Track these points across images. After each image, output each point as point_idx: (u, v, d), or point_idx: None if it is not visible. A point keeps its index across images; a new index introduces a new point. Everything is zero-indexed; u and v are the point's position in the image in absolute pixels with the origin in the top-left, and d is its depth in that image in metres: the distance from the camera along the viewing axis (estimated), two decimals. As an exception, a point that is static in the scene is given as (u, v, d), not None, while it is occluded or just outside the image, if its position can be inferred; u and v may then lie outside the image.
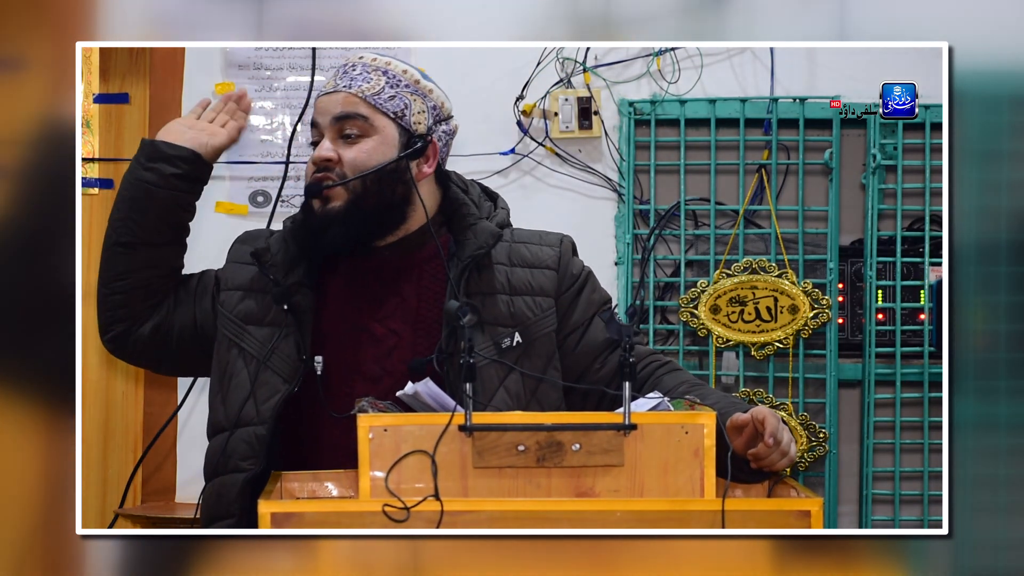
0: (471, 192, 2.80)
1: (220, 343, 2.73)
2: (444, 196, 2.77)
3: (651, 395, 2.51)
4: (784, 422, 2.52)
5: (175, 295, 2.77)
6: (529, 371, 2.64)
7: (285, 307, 2.66)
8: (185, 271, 2.82)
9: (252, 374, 2.65)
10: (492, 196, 2.84)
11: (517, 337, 2.67)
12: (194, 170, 2.76)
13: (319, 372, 2.65)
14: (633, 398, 2.38)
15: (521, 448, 2.31)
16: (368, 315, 2.69)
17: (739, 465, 2.42)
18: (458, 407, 2.33)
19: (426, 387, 2.42)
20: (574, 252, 2.80)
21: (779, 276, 3.98)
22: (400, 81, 2.71)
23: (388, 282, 2.71)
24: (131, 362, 2.89)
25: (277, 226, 2.91)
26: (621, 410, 2.33)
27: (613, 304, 2.84)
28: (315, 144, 2.71)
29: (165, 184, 2.73)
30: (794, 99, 4.01)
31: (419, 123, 2.71)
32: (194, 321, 2.77)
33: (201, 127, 2.81)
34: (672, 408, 2.45)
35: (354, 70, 2.71)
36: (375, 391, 2.60)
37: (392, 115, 2.69)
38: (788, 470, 3.93)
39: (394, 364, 2.66)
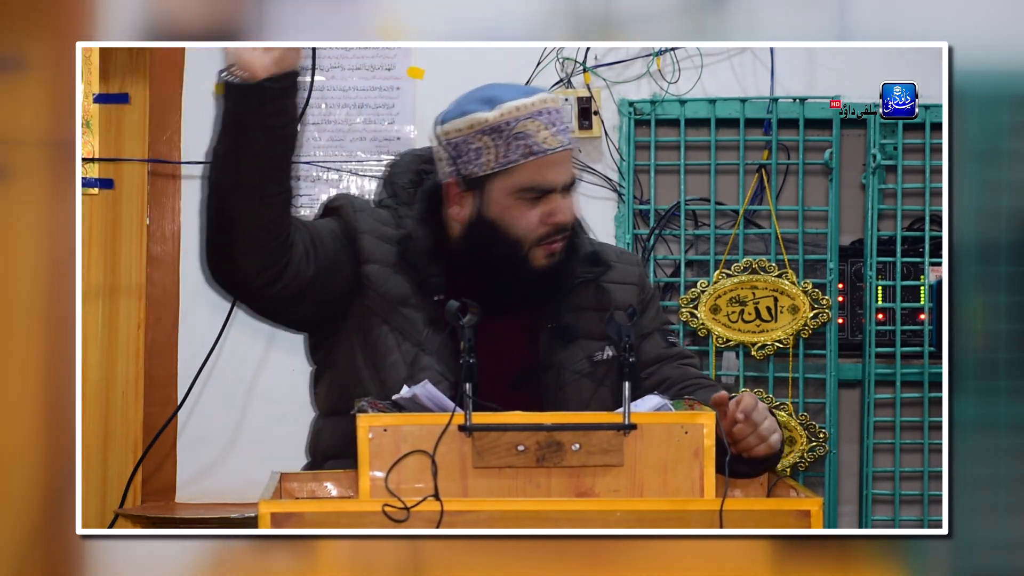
0: None
1: (366, 317, 2.67)
2: None
3: (652, 395, 2.51)
4: (773, 413, 2.53)
5: (311, 241, 2.64)
6: (615, 382, 2.65)
7: (436, 298, 2.65)
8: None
9: (407, 356, 2.65)
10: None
11: (609, 351, 2.69)
12: (299, 82, 2.60)
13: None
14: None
15: (521, 448, 2.31)
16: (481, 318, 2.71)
17: (734, 457, 2.44)
18: (457, 408, 2.33)
19: (424, 389, 2.43)
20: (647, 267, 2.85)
21: (779, 276, 3.98)
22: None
23: (507, 293, 2.71)
24: (280, 311, 2.71)
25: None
26: (621, 410, 2.34)
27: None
28: (526, 193, 2.64)
29: (291, 119, 2.56)
30: (794, 99, 4.01)
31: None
32: (338, 270, 2.66)
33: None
34: (672, 408, 2.46)
35: (559, 122, 2.67)
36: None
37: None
38: (788, 470, 3.94)
39: (495, 366, 2.62)
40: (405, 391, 2.44)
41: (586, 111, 3.96)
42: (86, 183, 4.01)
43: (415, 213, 2.73)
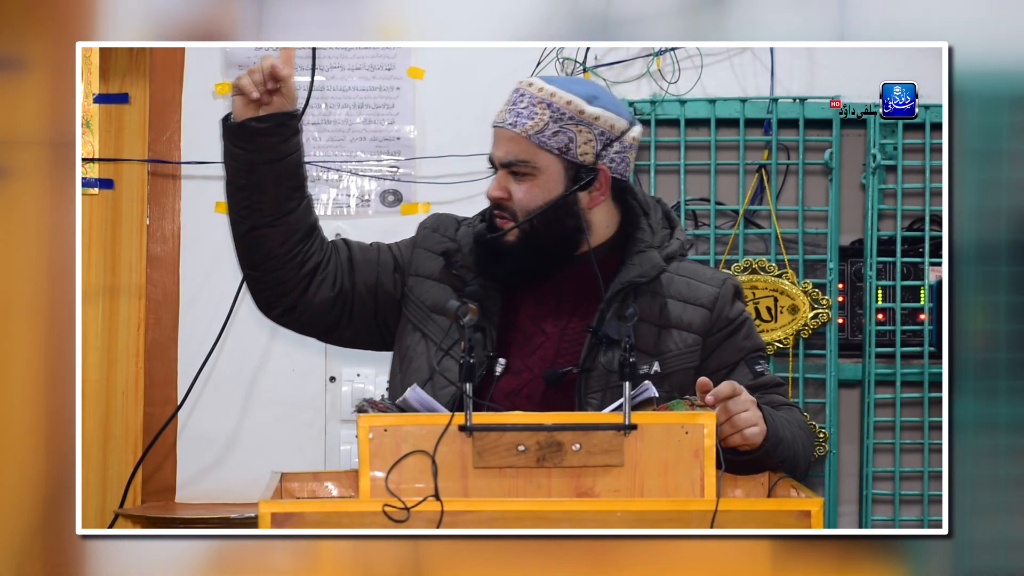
0: (651, 216, 2.83)
1: (404, 327, 2.79)
2: (623, 216, 2.81)
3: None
4: (760, 408, 2.52)
5: (347, 261, 2.82)
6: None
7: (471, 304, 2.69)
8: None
9: (433, 360, 2.70)
10: (672, 223, 2.85)
11: (656, 367, 2.69)
12: (292, 124, 2.74)
13: (497, 373, 2.69)
14: None
15: (521, 448, 2.31)
16: (526, 314, 2.74)
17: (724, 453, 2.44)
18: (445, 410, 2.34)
19: (414, 393, 2.44)
20: (737, 296, 2.81)
21: (779, 276, 3.98)
22: (564, 114, 2.72)
23: (555, 291, 2.76)
24: (301, 331, 2.91)
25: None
26: (620, 409, 2.34)
27: (766, 353, 2.87)
28: (493, 167, 2.78)
29: (276, 155, 2.73)
30: (794, 99, 4.01)
31: (585, 154, 2.73)
32: (375, 294, 2.82)
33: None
34: (655, 392, 2.46)
35: (521, 102, 2.74)
36: (516, 382, 2.68)
37: (556, 152, 2.72)
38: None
39: (535, 363, 2.70)
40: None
41: (586, 111, 3.96)
42: (86, 183, 4.01)
43: (466, 225, 2.84)
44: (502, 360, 2.70)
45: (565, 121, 2.71)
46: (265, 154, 2.70)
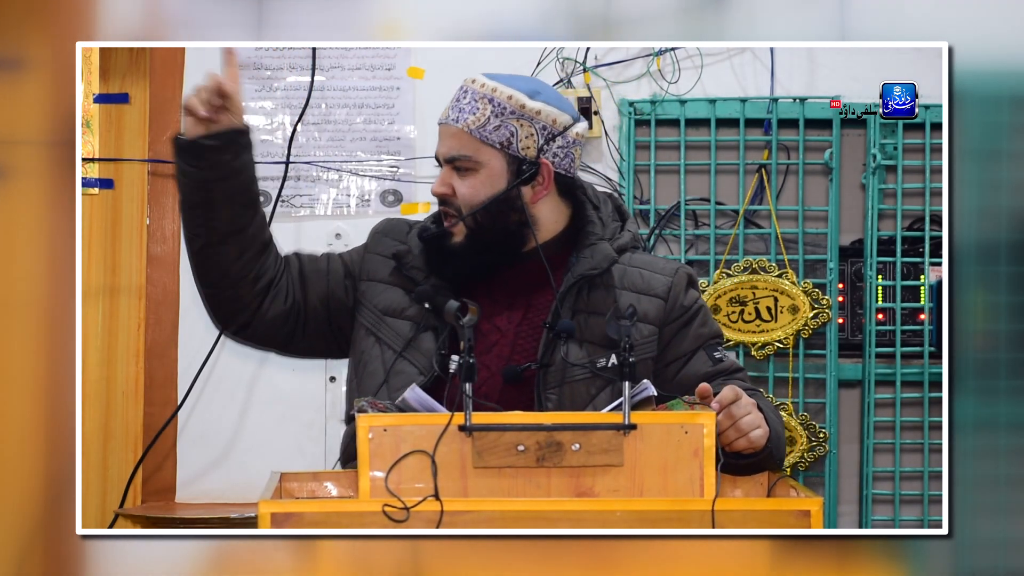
0: (602, 209, 2.84)
1: (357, 332, 2.81)
2: (573, 211, 2.83)
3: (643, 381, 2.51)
4: (762, 410, 2.53)
5: (298, 274, 2.84)
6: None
7: (426, 306, 2.72)
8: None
9: (387, 363, 2.72)
10: (623, 216, 2.86)
11: (613, 359, 2.69)
12: (241, 140, 2.76)
13: (452, 370, 2.68)
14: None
15: (521, 448, 2.31)
16: (481, 314, 2.73)
17: (726, 456, 2.45)
18: (445, 409, 2.34)
19: (413, 393, 2.44)
20: (690, 284, 2.82)
21: (779, 276, 3.98)
22: (505, 108, 2.74)
23: (507, 288, 2.77)
24: (257, 346, 2.95)
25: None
26: (619, 409, 2.34)
27: (723, 339, 2.87)
28: (440, 164, 2.80)
29: (228, 172, 2.74)
30: (794, 99, 4.01)
31: (527, 148, 2.75)
32: (327, 303, 2.83)
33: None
34: (653, 392, 2.46)
35: (464, 99, 2.77)
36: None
37: (498, 146, 2.73)
38: (788, 470, 3.94)
39: (492, 360, 2.72)
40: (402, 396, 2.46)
41: (586, 111, 3.96)
42: (86, 183, 4.01)
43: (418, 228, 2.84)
44: (455, 357, 2.69)
45: (507, 115, 2.73)
46: (217, 171, 2.72)
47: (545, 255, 2.74)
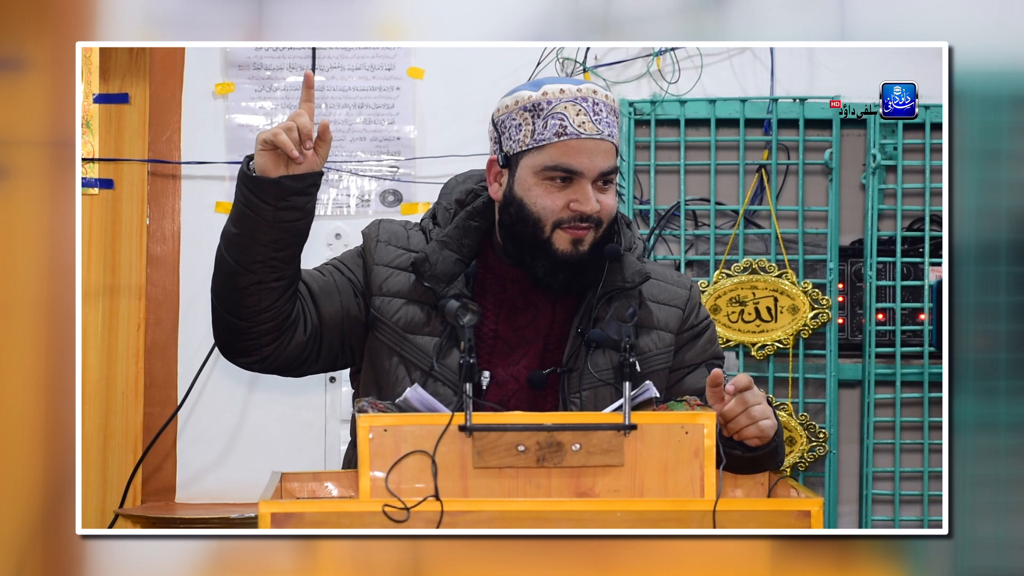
0: (618, 219, 2.81)
1: (377, 350, 2.72)
2: None
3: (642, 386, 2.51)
4: (770, 403, 2.53)
5: (310, 298, 2.73)
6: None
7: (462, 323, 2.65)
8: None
9: (419, 383, 2.61)
10: (627, 222, 2.85)
11: (636, 367, 2.68)
12: (319, 183, 2.68)
13: (484, 387, 2.67)
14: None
15: (521, 448, 2.31)
16: (506, 324, 2.71)
17: (731, 448, 2.45)
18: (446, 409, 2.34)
19: (415, 393, 2.44)
20: (699, 298, 2.84)
21: (779, 276, 3.98)
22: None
23: (530, 297, 2.73)
24: (266, 372, 2.82)
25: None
26: (620, 409, 2.34)
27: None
28: (552, 172, 2.66)
29: (303, 214, 2.64)
30: (794, 99, 4.01)
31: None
32: (341, 324, 2.74)
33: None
34: (655, 392, 2.46)
35: (601, 112, 2.67)
36: (501, 393, 2.67)
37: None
38: (788, 470, 3.94)
39: (520, 371, 2.69)
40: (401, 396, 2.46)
41: (586, 111, 3.96)
42: (86, 183, 4.01)
43: (439, 234, 2.74)
44: (487, 372, 2.69)
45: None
46: (294, 212, 2.62)
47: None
